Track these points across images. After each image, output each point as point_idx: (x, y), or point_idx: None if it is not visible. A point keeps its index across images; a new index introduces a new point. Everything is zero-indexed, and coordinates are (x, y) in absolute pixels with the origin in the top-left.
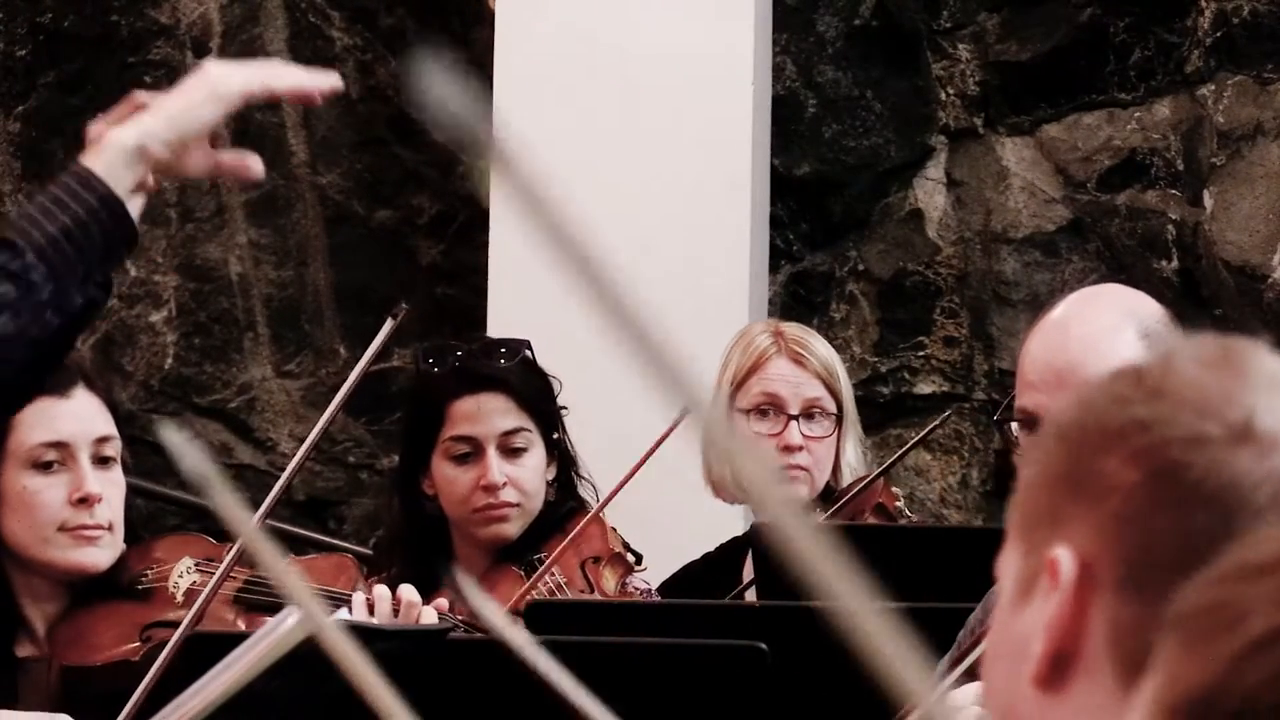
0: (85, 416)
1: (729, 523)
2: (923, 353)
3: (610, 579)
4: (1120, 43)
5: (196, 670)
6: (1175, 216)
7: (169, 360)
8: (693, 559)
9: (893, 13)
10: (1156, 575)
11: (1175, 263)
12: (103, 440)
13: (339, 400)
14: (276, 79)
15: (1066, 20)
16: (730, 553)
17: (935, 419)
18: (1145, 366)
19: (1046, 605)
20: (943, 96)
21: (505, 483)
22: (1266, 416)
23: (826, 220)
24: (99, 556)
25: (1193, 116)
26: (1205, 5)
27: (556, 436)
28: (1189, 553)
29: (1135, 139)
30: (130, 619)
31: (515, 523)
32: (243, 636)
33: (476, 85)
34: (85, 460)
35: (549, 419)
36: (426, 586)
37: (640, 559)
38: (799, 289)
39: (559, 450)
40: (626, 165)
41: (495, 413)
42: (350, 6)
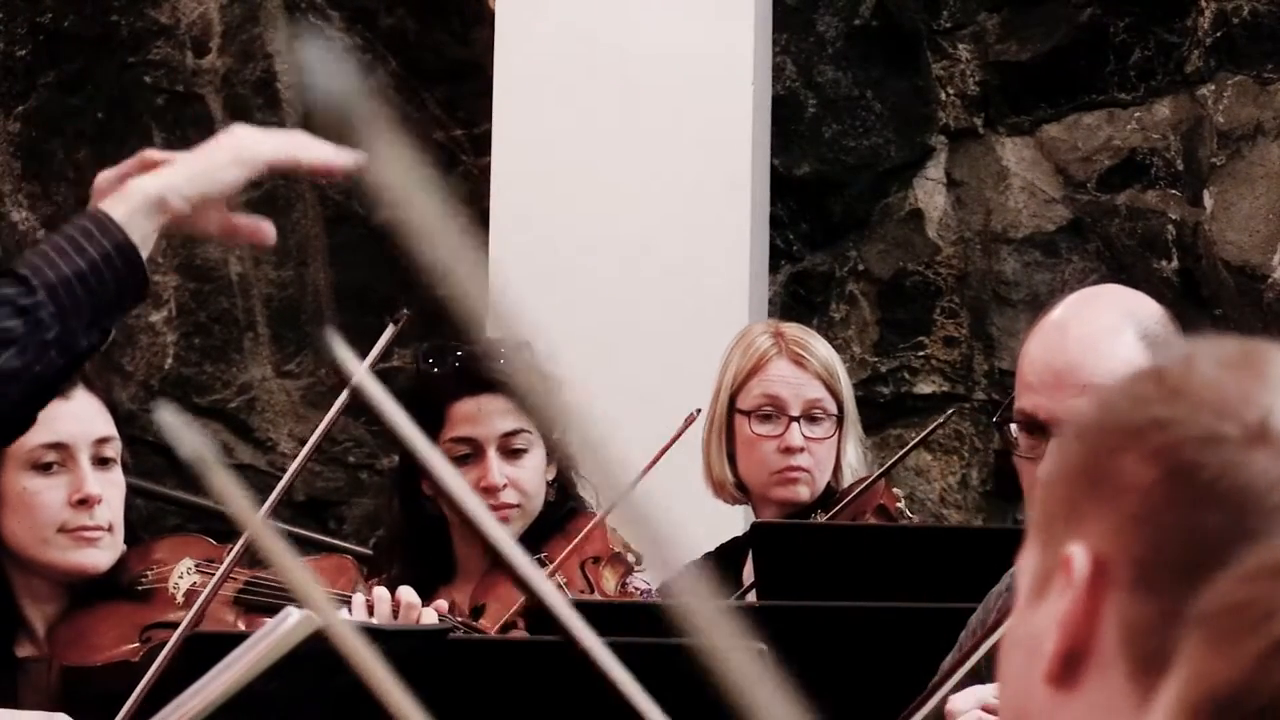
0: (85, 417)
1: (729, 523)
2: (923, 353)
3: (610, 579)
4: (1120, 43)
5: (196, 670)
6: (1175, 216)
7: (169, 360)
8: (693, 558)
9: (893, 13)
10: (1169, 575)
11: (1175, 263)
12: (102, 441)
13: (338, 406)
14: (303, 151)
15: (1066, 20)
16: (731, 552)
17: (935, 419)
18: (1166, 366)
19: (1060, 602)
20: (943, 96)
21: (505, 484)
22: None
23: (826, 220)
24: (99, 558)
25: (1193, 116)
26: (1205, 5)
27: (556, 437)
28: (1202, 553)
29: (1135, 139)
30: (130, 620)
31: (515, 524)
32: (243, 636)
33: (358, 71)
34: (85, 461)
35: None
36: (426, 587)
37: (640, 559)
38: (799, 289)
39: (559, 451)
40: (626, 165)
41: (495, 414)
42: (350, 6)
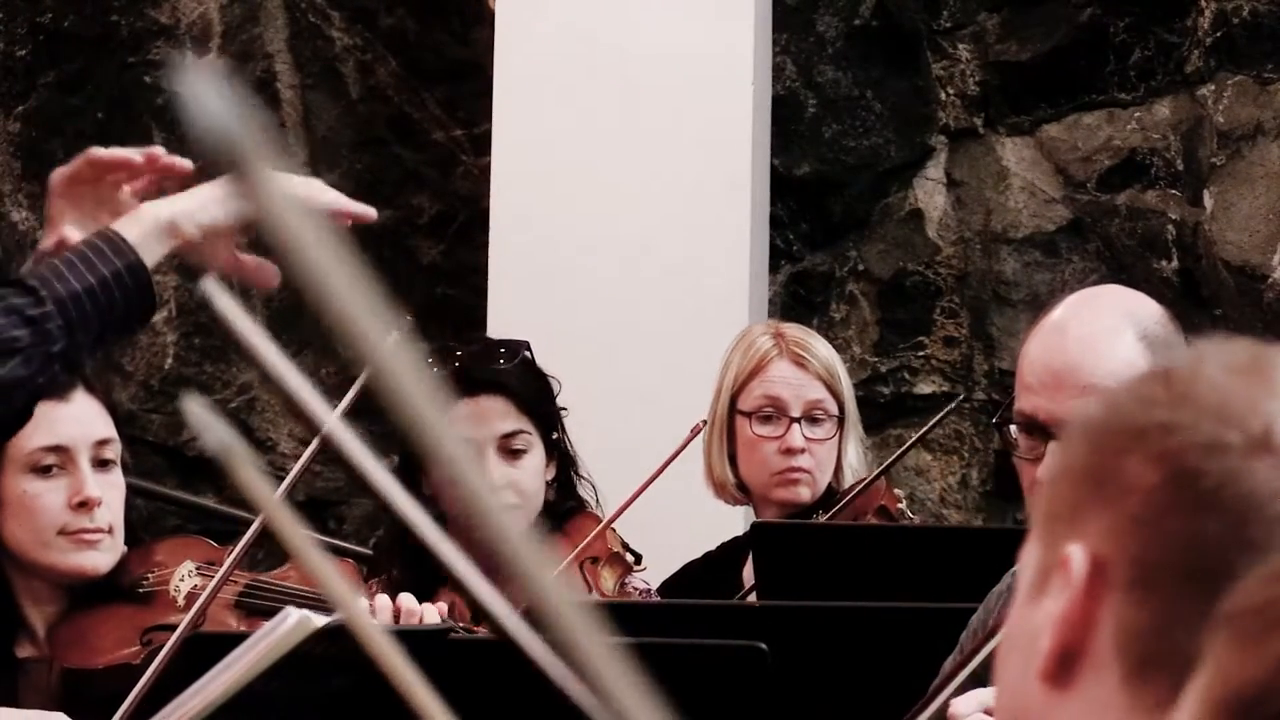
0: (85, 420)
1: (729, 523)
2: (923, 353)
3: (608, 579)
4: (1120, 43)
5: (196, 670)
6: (1175, 216)
7: (169, 360)
8: (693, 558)
9: (893, 13)
10: (1167, 579)
11: (1175, 263)
12: (102, 443)
13: (340, 410)
14: (320, 193)
15: (1066, 20)
16: (731, 552)
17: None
18: (1174, 369)
19: (1058, 601)
20: (943, 96)
21: (503, 486)
22: None
23: (826, 220)
24: (99, 560)
25: (1193, 116)
26: (1205, 5)
27: (556, 437)
28: (1200, 559)
29: (1135, 139)
30: (131, 622)
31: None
32: (243, 637)
33: (245, 102)
34: (85, 464)
35: (548, 420)
36: (426, 588)
37: (639, 559)
38: (799, 289)
39: (558, 451)
40: (626, 165)
41: (494, 415)
42: (350, 6)
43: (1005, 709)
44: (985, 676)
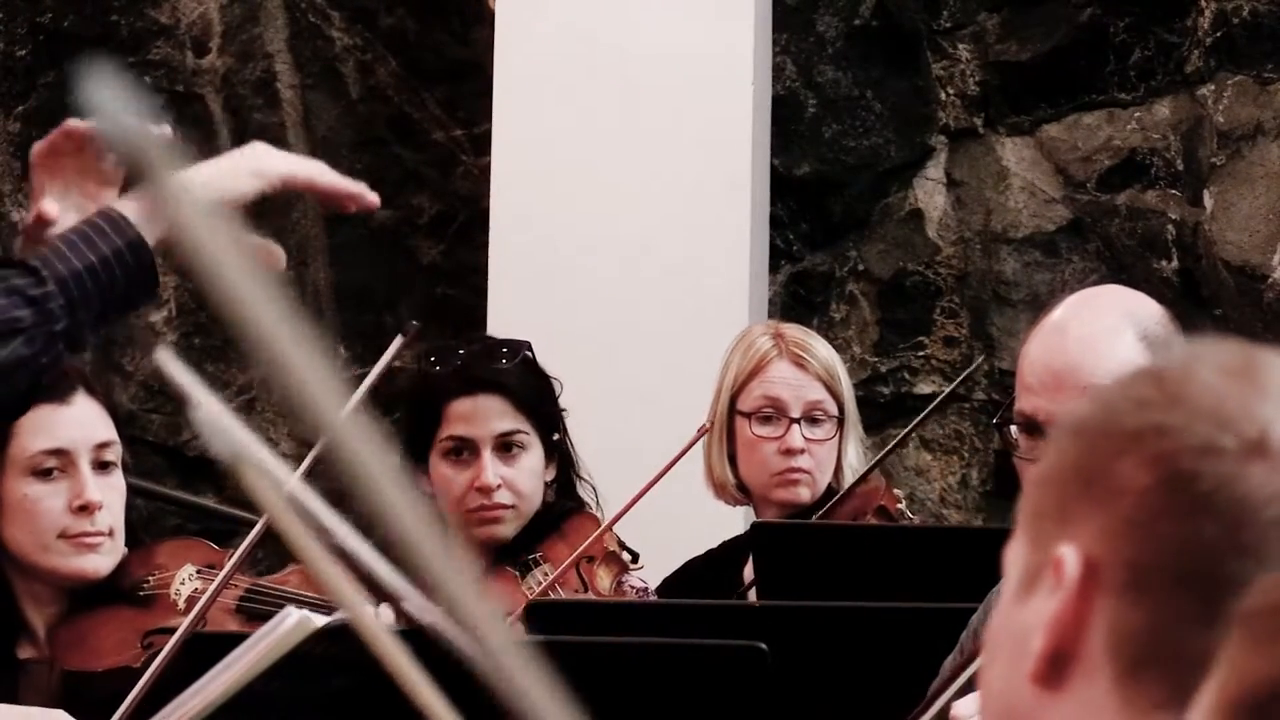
0: (85, 423)
1: (729, 523)
2: (923, 353)
3: (605, 578)
4: (1120, 43)
5: (196, 670)
6: (1175, 216)
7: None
8: (694, 555)
9: (893, 13)
10: (1160, 582)
11: (1175, 263)
12: (103, 446)
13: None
14: (320, 174)
15: (1066, 20)
16: (732, 551)
17: (936, 418)
18: (1166, 369)
19: (1049, 602)
20: (943, 96)
21: (499, 484)
22: None
23: (826, 220)
24: (100, 563)
25: (1193, 116)
26: (1205, 5)
27: (557, 438)
28: (1194, 563)
29: (1135, 139)
30: (131, 625)
31: (509, 524)
32: (243, 637)
33: (148, 105)
34: (85, 467)
35: (548, 420)
36: None
37: (637, 558)
38: (799, 289)
39: (559, 452)
40: (626, 165)
41: (492, 414)
42: (350, 6)
43: (992, 708)
44: None
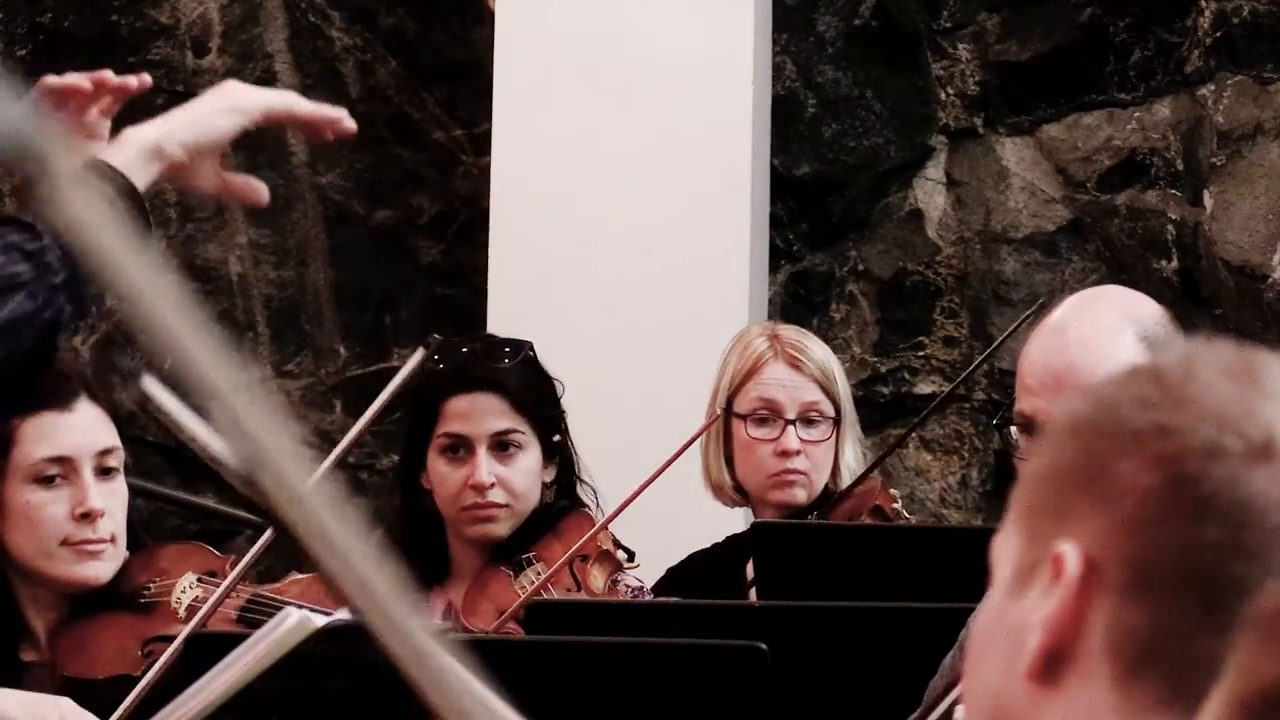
0: (88, 429)
1: (728, 523)
2: (923, 353)
3: (599, 577)
4: (1120, 43)
5: (196, 670)
6: (1175, 216)
7: (169, 360)
8: (698, 550)
9: (893, 13)
10: (1162, 583)
11: (1175, 263)
12: (106, 452)
13: (364, 423)
14: (298, 104)
15: (1066, 20)
16: (736, 547)
17: (936, 419)
18: (1165, 368)
19: (1047, 600)
20: (943, 96)
21: (494, 483)
22: None
23: (826, 220)
24: (101, 570)
25: (1193, 116)
26: (1205, 5)
27: (557, 439)
28: (1198, 565)
29: (1135, 139)
30: (132, 632)
31: (504, 523)
32: (243, 637)
33: (39, 107)
34: (88, 474)
35: (547, 421)
36: (421, 587)
37: (632, 556)
38: (799, 289)
39: (559, 454)
40: (626, 165)
41: (489, 413)
42: (350, 6)
43: (981, 704)
44: None
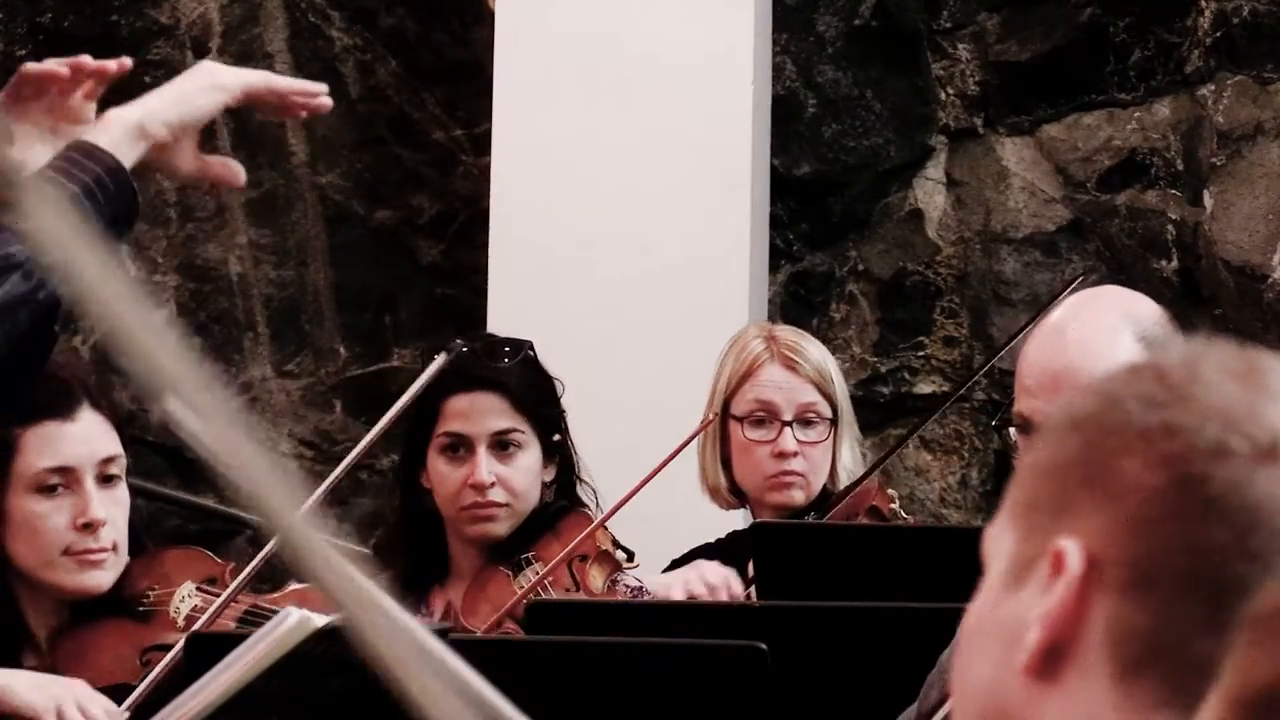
0: (90, 439)
1: (727, 522)
2: (923, 353)
3: (598, 577)
4: (1120, 43)
5: (196, 670)
6: (1175, 216)
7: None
8: (702, 543)
9: (893, 13)
10: (1166, 582)
11: (1175, 263)
12: (107, 461)
13: (380, 427)
14: (279, 80)
15: (1066, 20)
16: (737, 544)
17: (934, 419)
18: (1167, 367)
19: (1046, 595)
20: (943, 96)
21: (493, 482)
22: None
23: (826, 220)
24: (103, 579)
25: (1193, 116)
26: (1205, 5)
27: (557, 439)
28: (1202, 565)
29: (1135, 139)
30: (131, 640)
31: (503, 523)
32: (243, 637)
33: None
34: (90, 483)
35: (547, 420)
36: (421, 586)
37: (632, 556)
38: (799, 289)
39: (560, 454)
40: (626, 165)
41: (489, 412)
42: (350, 6)
43: (974, 698)
44: None
